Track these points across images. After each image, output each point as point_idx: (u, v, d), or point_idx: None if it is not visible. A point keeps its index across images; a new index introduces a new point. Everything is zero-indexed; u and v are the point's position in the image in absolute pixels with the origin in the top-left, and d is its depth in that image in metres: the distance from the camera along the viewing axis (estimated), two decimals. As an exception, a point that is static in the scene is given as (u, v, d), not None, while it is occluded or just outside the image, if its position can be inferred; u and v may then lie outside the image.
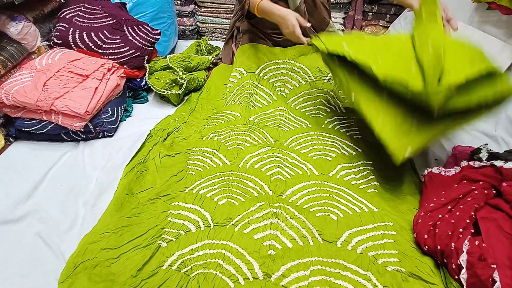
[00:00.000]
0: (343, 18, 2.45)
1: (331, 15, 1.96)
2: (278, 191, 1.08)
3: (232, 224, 0.96)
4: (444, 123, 0.98)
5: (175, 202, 1.03)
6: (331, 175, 1.18)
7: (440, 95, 0.89)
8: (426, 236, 0.86)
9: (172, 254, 0.88)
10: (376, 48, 1.08)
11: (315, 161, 1.23)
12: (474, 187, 0.91)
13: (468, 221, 0.82)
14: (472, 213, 0.84)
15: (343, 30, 2.47)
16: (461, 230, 0.80)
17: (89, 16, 1.62)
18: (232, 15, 1.90)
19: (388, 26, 2.48)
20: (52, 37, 1.53)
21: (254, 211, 0.99)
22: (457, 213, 0.86)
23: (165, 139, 1.33)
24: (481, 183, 0.91)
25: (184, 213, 1.00)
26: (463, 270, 0.77)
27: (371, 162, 1.22)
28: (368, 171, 1.18)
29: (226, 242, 0.91)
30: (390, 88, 0.98)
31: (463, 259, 0.75)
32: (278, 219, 0.97)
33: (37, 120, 1.26)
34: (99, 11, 1.66)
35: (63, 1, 1.63)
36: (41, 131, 1.27)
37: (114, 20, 1.65)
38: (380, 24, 2.49)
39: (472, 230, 0.81)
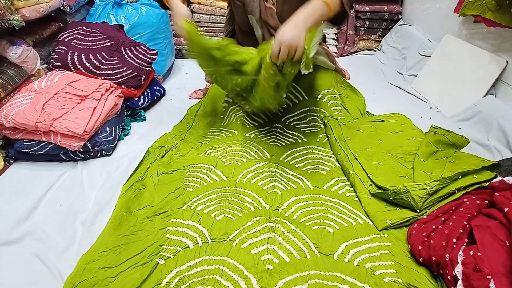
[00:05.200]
0: (336, 34, 2.51)
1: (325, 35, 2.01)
2: (275, 205, 1.09)
3: (230, 239, 0.97)
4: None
5: (172, 219, 1.04)
6: (326, 187, 1.19)
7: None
8: (420, 248, 0.87)
9: (170, 271, 0.88)
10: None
11: (309, 174, 1.25)
12: (465, 199, 0.93)
13: (461, 230, 0.83)
14: (465, 222, 0.85)
15: (336, 46, 2.53)
16: (454, 240, 0.81)
17: (87, 39, 1.66)
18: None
19: (380, 40, 2.55)
20: (51, 60, 1.56)
21: (251, 226, 1.00)
22: (450, 223, 0.87)
23: (162, 157, 1.35)
24: (473, 197, 0.93)
25: (182, 229, 1.01)
26: (459, 282, 0.77)
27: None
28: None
29: (223, 258, 0.91)
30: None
31: (458, 270, 0.76)
32: (275, 233, 0.97)
33: (36, 141, 1.28)
34: (97, 34, 1.70)
35: (62, 25, 1.68)
36: (40, 152, 1.29)
37: (112, 42, 1.69)
38: (372, 39, 2.55)
39: (466, 240, 0.82)
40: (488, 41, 1.64)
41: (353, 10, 2.41)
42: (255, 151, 1.36)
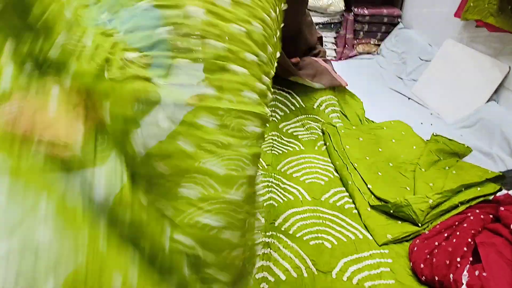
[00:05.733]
0: (335, 38, 2.47)
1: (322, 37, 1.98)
2: (271, 218, 1.05)
3: (223, 256, 0.92)
4: None
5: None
6: (324, 199, 1.15)
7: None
8: (422, 266, 0.83)
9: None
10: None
11: (307, 185, 1.21)
12: (469, 214, 0.89)
13: (465, 248, 0.79)
14: (469, 239, 0.81)
15: (335, 49, 2.49)
16: (459, 259, 0.77)
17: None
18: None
19: (380, 44, 2.51)
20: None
21: (245, 241, 0.96)
22: (454, 240, 0.83)
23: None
24: (477, 211, 0.89)
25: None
26: (464, 303, 0.73)
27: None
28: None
29: None
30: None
31: (462, 291, 0.72)
32: (270, 249, 0.93)
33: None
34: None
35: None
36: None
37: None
38: (372, 43, 2.51)
39: (471, 258, 0.78)
40: (490, 46, 1.60)
41: (352, 13, 2.37)
42: (251, 160, 1.32)
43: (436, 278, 0.79)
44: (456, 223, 0.89)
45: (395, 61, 2.26)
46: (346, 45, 2.47)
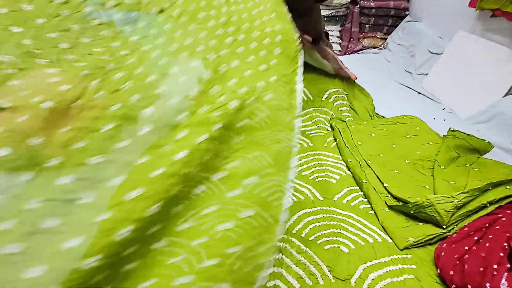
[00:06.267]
0: (340, 31, 2.39)
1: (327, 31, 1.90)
2: (280, 220, 0.97)
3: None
4: None
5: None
6: (337, 199, 1.07)
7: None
8: (452, 273, 0.75)
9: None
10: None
11: (317, 184, 1.13)
12: (500, 215, 0.81)
13: (502, 254, 0.71)
14: (505, 244, 0.73)
15: (340, 43, 2.41)
16: (495, 266, 0.69)
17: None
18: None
19: (386, 38, 2.43)
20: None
21: (254, 246, 0.88)
22: (487, 245, 0.75)
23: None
24: (508, 212, 0.81)
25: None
26: (502, 314, 0.66)
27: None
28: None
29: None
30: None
31: (502, 302, 0.64)
32: (282, 254, 0.85)
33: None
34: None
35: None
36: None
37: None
38: (378, 36, 2.43)
39: (508, 265, 0.70)
40: (505, 37, 1.52)
41: (358, 6, 2.29)
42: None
43: (469, 287, 0.71)
44: (487, 225, 0.81)
45: (402, 55, 2.18)
46: (352, 39, 2.39)
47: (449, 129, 1.23)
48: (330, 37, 2.37)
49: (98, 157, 0.51)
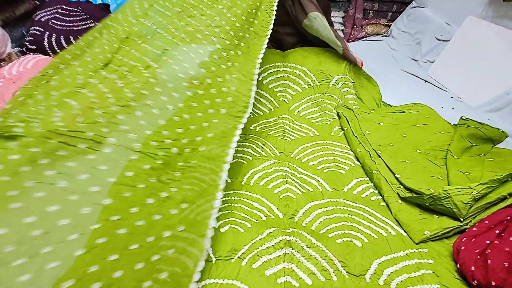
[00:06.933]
0: (343, 17, 2.32)
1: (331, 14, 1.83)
2: (289, 212, 0.92)
3: (238, 257, 0.80)
4: None
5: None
6: (346, 190, 1.03)
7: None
8: (473, 268, 0.71)
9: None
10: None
11: (326, 174, 1.08)
12: (523, 205, 0.77)
13: (528, 248, 0.67)
14: (531, 238, 0.69)
15: (343, 30, 2.34)
16: (522, 261, 0.65)
17: (67, 19, 1.45)
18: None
19: (390, 25, 2.37)
20: (25, 42, 1.36)
21: (263, 240, 0.83)
22: (511, 239, 0.71)
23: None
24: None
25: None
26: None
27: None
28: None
29: (231, 281, 0.74)
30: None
31: (532, 300, 0.60)
32: (292, 248, 0.81)
33: (5, 137, 1.09)
34: (78, 13, 1.49)
35: (37, 2, 1.47)
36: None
37: (96, 23, 1.49)
38: (381, 23, 2.37)
39: (535, 261, 0.66)
40: (518, 23, 1.47)
41: (362, -9, 2.22)
42: (262, 147, 1.19)
43: (493, 283, 0.67)
44: (508, 217, 0.77)
45: (407, 43, 2.12)
46: (355, 26, 2.32)
47: (461, 117, 1.19)
48: (333, 23, 2.30)
49: None
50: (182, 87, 0.97)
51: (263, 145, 1.20)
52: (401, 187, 0.99)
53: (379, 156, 1.10)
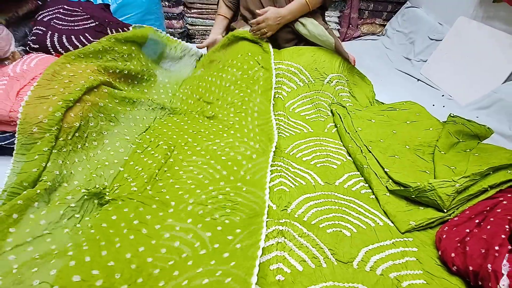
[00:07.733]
0: (339, 17, 2.36)
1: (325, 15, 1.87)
2: (282, 204, 0.97)
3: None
4: None
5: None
6: (338, 184, 1.08)
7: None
8: (453, 255, 0.76)
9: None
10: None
11: (319, 169, 1.13)
12: (501, 198, 0.82)
13: (503, 236, 0.72)
14: (507, 226, 0.74)
15: (338, 30, 2.38)
16: (496, 247, 0.70)
17: (69, 19, 1.49)
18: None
19: (385, 24, 2.41)
20: (28, 42, 1.40)
21: (257, 230, 0.88)
22: (488, 227, 0.76)
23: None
24: (509, 195, 0.81)
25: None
26: (505, 296, 0.67)
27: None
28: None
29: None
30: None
31: (504, 284, 0.65)
32: (285, 238, 0.85)
33: (10, 133, 1.13)
34: (80, 13, 1.53)
35: (40, 2, 1.51)
36: (14, 145, 1.14)
37: (97, 22, 1.53)
38: (377, 23, 2.41)
39: (510, 247, 0.71)
40: (508, 24, 1.52)
41: (357, -9, 2.26)
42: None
43: (471, 268, 0.72)
44: (488, 208, 0.82)
45: (401, 42, 2.17)
46: (351, 25, 2.37)
47: (450, 114, 1.24)
48: (328, 22, 2.35)
49: None
50: None
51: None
52: (390, 180, 1.03)
53: (370, 152, 1.14)
